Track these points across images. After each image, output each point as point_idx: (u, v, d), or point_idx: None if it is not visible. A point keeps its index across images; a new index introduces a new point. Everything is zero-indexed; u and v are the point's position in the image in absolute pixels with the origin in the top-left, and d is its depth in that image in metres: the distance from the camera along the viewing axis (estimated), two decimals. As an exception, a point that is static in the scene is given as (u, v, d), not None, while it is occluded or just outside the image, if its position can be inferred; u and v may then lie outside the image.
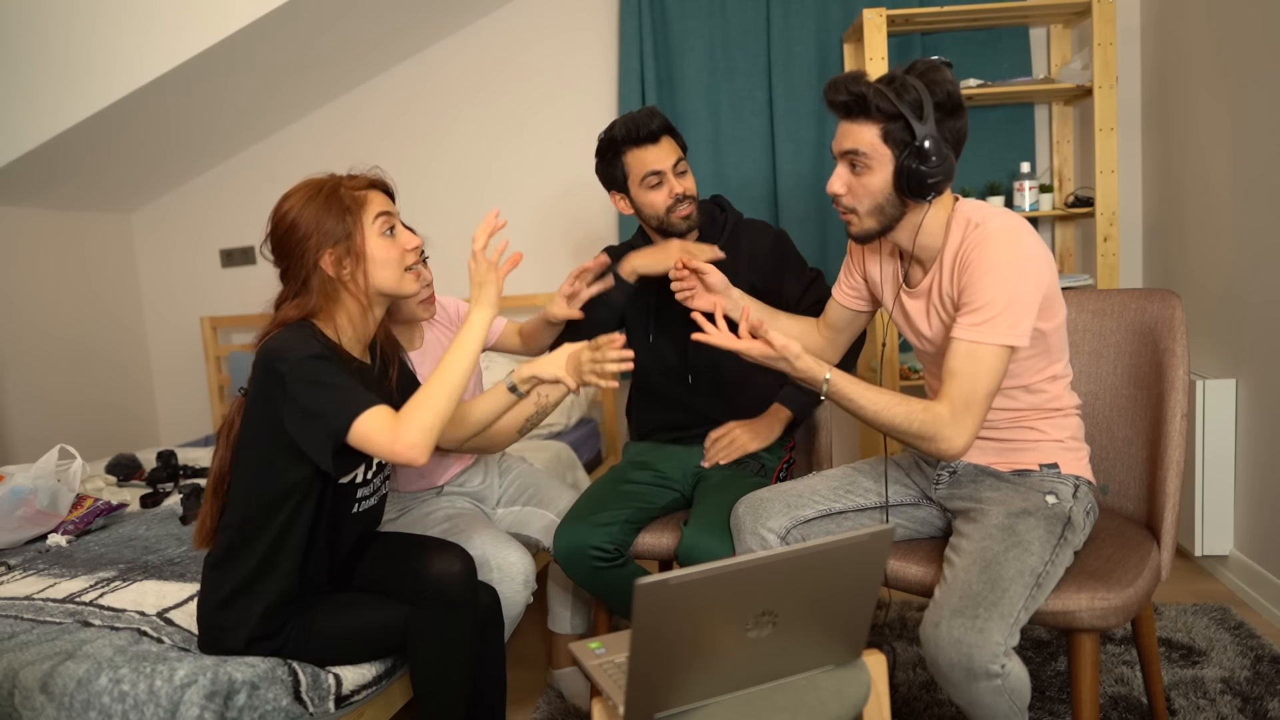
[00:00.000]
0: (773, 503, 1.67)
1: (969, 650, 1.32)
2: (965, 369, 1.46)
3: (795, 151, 3.20)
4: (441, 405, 1.40)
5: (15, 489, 2.11)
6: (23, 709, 1.40)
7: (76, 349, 3.49)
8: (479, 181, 3.50)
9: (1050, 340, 1.57)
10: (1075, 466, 1.62)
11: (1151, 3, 2.96)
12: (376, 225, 1.50)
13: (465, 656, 1.56)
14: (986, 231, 1.50)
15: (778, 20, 3.16)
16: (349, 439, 1.37)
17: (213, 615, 1.49)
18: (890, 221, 1.57)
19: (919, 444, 1.49)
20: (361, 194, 1.50)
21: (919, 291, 1.65)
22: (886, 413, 1.49)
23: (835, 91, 1.51)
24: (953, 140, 1.50)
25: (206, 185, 3.73)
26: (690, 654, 1.12)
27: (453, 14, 3.33)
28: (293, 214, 1.47)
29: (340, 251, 1.47)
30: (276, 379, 1.38)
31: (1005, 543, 1.46)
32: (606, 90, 3.41)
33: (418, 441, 1.35)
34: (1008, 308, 1.45)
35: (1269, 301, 2.30)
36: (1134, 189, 3.11)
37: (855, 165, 1.53)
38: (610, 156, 2.00)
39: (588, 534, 1.84)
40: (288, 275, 1.50)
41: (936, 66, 1.50)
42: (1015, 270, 1.47)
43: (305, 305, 1.47)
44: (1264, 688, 1.96)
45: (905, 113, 1.47)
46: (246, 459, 1.48)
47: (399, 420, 1.37)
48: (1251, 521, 2.45)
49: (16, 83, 2.85)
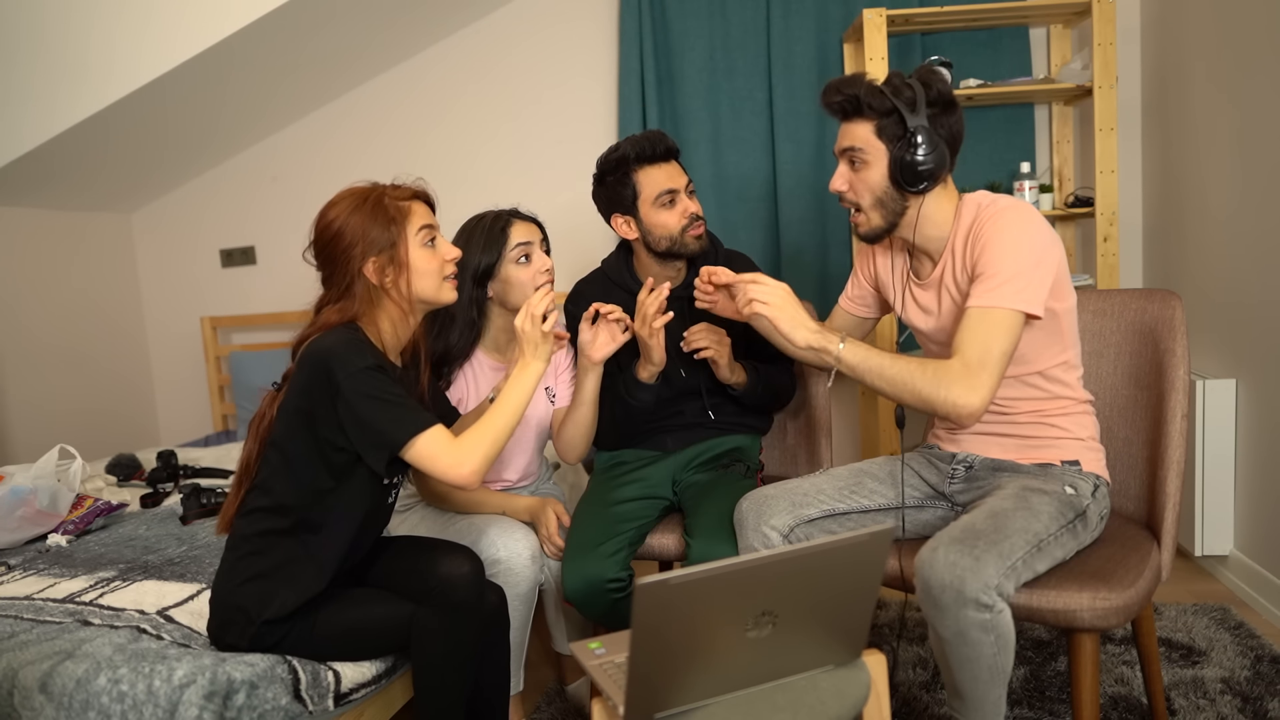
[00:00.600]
0: (777, 500, 1.67)
1: (962, 574, 1.35)
2: (977, 330, 1.49)
3: (795, 151, 3.20)
4: (500, 438, 1.50)
5: (15, 489, 2.11)
6: (22, 709, 1.40)
7: (76, 349, 3.49)
8: (478, 182, 3.50)
9: (1062, 323, 1.60)
10: (1095, 466, 1.65)
11: (1151, 3, 2.96)
12: (419, 237, 1.55)
13: (468, 658, 1.57)
14: (997, 208, 1.56)
15: (778, 20, 3.16)
16: (405, 455, 1.45)
17: (231, 597, 1.51)
18: (894, 216, 1.62)
19: (932, 397, 1.48)
20: (406, 205, 1.56)
21: (929, 282, 1.68)
22: (892, 368, 1.51)
23: (830, 94, 1.60)
24: (947, 136, 1.57)
25: (206, 185, 3.73)
26: (690, 654, 1.12)
27: (452, 14, 3.33)
28: (339, 222, 1.52)
29: (384, 260, 1.52)
30: (329, 382, 1.43)
31: (1015, 504, 1.49)
32: (606, 90, 3.41)
33: (478, 469, 1.46)
34: (1018, 274, 1.49)
35: (1269, 301, 2.30)
36: (1134, 189, 3.11)
37: (854, 162, 1.61)
38: (618, 176, 1.95)
39: (600, 568, 1.78)
40: (331, 280, 1.55)
41: (933, 69, 1.59)
42: (1026, 241, 1.51)
43: (348, 310, 1.53)
44: (1264, 688, 1.96)
45: (899, 106, 1.54)
46: (282, 452, 1.51)
47: (460, 447, 1.46)
48: (1251, 521, 2.45)
49: (16, 83, 2.85)
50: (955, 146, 1.60)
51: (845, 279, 3.21)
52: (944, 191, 1.63)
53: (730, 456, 2.06)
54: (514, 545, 1.82)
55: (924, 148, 1.54)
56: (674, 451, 2.07)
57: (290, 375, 1.53)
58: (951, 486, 1.70)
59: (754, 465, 2.08)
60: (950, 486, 1.71)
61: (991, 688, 1.44)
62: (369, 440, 1.45)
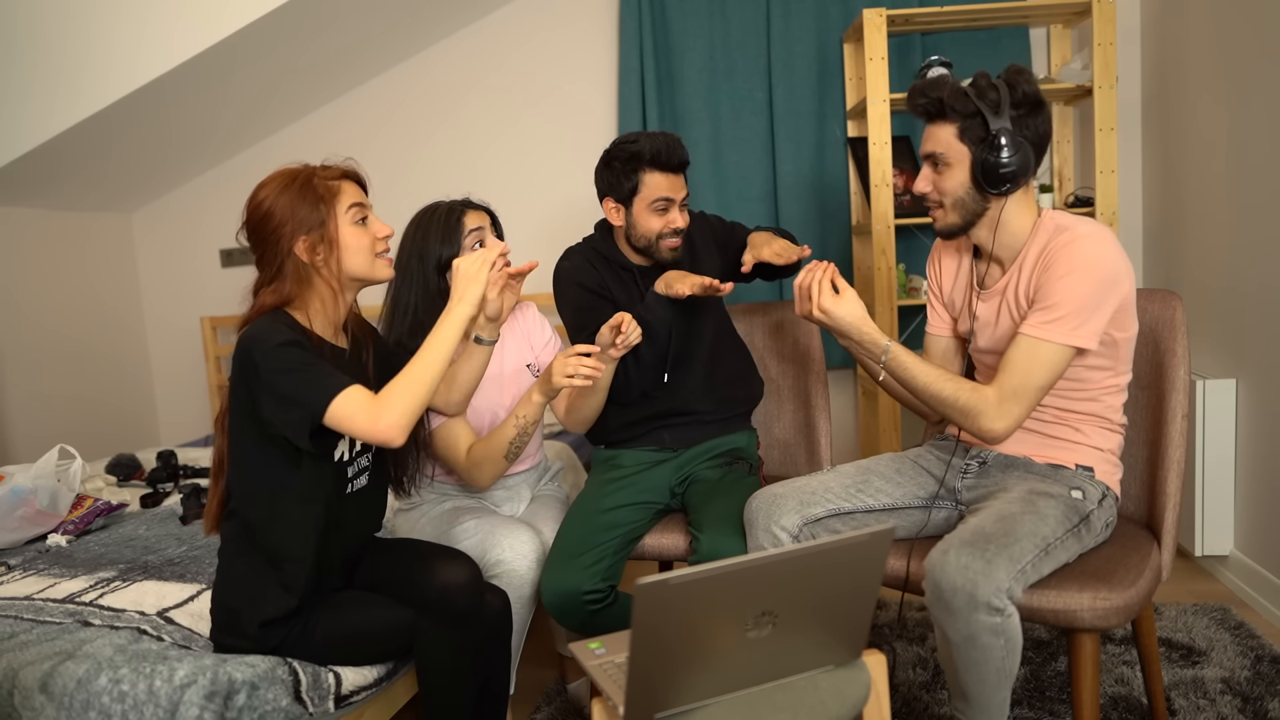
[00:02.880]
0: (786, 499, 1.66)
1: (974, 578, 1.36)
2: (1022, 361, 1.53)
3: (795, 151, 3.20)
4: (421, 389, 1.45)
5: (15, 489, 2.10)
6: (22, 709, 1.40)
7: (77, 349, 3.49)
8: (478, 182, 3.50)
9: (1120, 351, 1.60)
10: (1108, 477, 1.65)
11: (1151, 3, 2.96)
12: (349, 215, 1.55)
13: (472, 668, 1.57)
14: (1074, 235, 1.55)
15: (778, 20, 3.16)
16: (326, 420, 1.41)
17: (225, 599, 1.51)
18: (972, 216, 1.64)
19: (961, 420, 1.56)
20: (335, 184, 1.56)
21: (993, 292, 1.68)
22: (936, 384, 1.58)
23: (914, 97, 1.62)
24: (1033, 137, 1.57)
25: (206, 185, 3.73)
26: (690, 654, 1.12)
27: (451, 14, 3.33)
28: (268, 202, 1.51)
29: (314, 239, 1.51)
30: (251, 367, 1.43)
31: (1023, 508, 1.49)
32: (607, 90, 3.41)
33: (396, 421, 1.41)
34: (1079, 310, 1.50)
35: (1269, 301, 2.30)
36: (1134, 189, 3.11)
37: (937, 164, 1.62)
38: (626, 168, 1.97)
39: (578, 579, 1.77)
40: (263, 261, 1.55)
41: (1020, 69, 1.58)
42: (1095, 276, 1.51)
43: (281, 291, 1.52)
44: (1264, 688, 1.96)
45: (982, 108, 1.54)
46: (236, 446, 1.51)
47: (379, 401, 1.42)
48: (1251, 521, 2.45)
49: (16, 83, 2.85)
50: (1042, 147, 1.59)
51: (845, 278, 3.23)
52: (1025, 198, 1.63)
53: (732, 455, 2.06)
54: (519, 547, 1.81)
55: (1006, 150, 1.54)
56: (672, 450, 2.07)
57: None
58: (963, 480, 1.70)
59: (755, 463, 2.08)
60: (961, 481, 1.70)
61: (998, 690, 1.44)
62: (289, 414, 1.41)
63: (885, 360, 1.61)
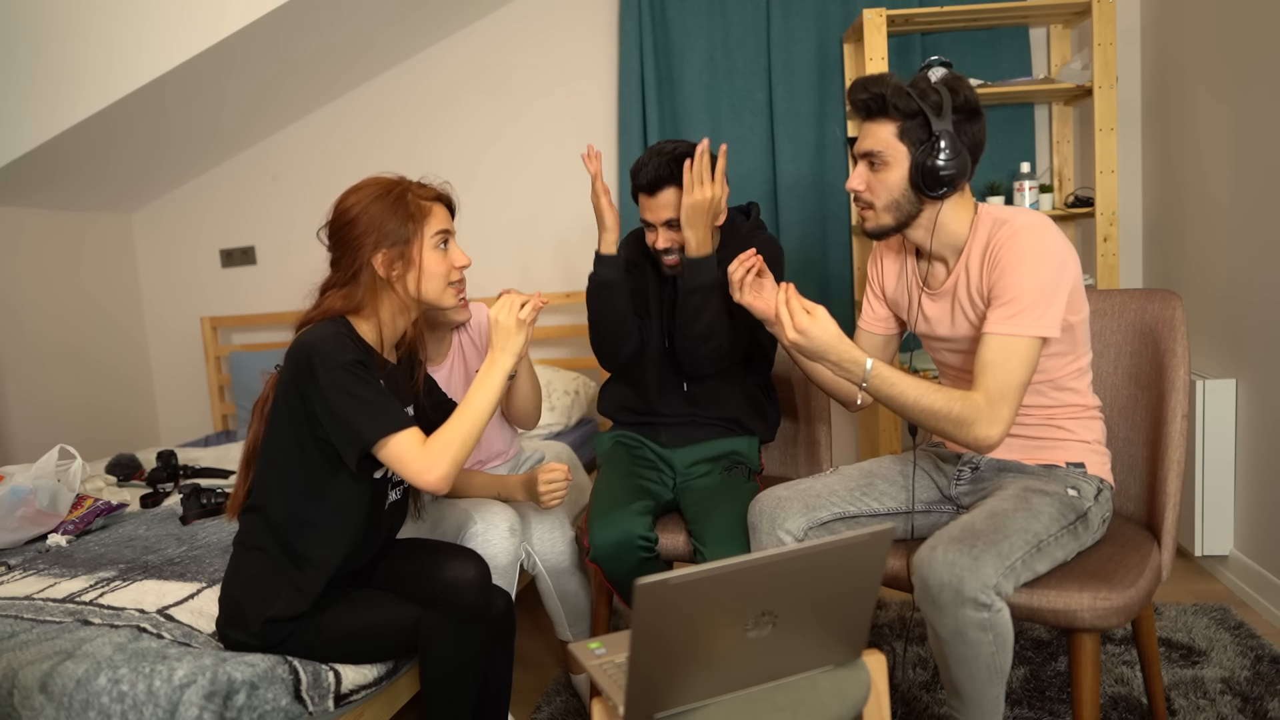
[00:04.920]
0: (791, 502, 1.66)
1: (961, 573, 1.36)
2: (999, 361, 1.50)
3: (795, 151, 3.20)
4: (470, 440, 1.49)
5: (15, 489, 2.11)
6: (22, 709, 1.40)
7: (76, 349, 3.49)
8: (478, 182, 3.50)
9: (1077, 334, 1.60)
10: (1100, 470, 1.65)
11: (1151, 3, 2.96)
12: (435, 239, 1.56)
13: (476, 665, 1.57)
14: (1015, 227, 1.55)
15: (778, 20, 3.16)
16: (375, 453, 1.44)
17: (236, 592, 1.51)
18: (906, 218, 1.62)
19: (955, 432, 1.50)
20: (428, 205, 1.56)
21: (942, 292, 1.67)
22: (927, 397, 1.50)
23: (856, 91, 1.58)
24: (969, 143, 1.56)
25: (206, 185, 3.73)
26: (690, 654, 1.12)
27: (451, 14, 3.33)
28: (357, 209, 1.52)
29: (394, 254, 1.52)
30: (310, 376, 1.43)
31: (1016, 505, 1.49)
32: (607, 90, 3.41)
33: (447, 474, 1.45)
34: (1037, 300, 1.49)
35: (1269, 301, 2.30)
36: (1134, 189, 3.11)
37: (874, 163, 1.60)
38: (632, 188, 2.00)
39: (630, 524, 1.77)
40: (339, 264, 1.55)
41: (959, 76, 1.57)
42: (1044, 264, 1.51)
43: (352, 298, 1.52)
44: (1264, 688, 1.96)
45: (925, 109, 1.53)
46: (273, 437, 1.52)
47: (429, 450, 1.45)
48: (1251, 521, 2.45)
49: (16, 83, 2.85)
50: (977, 155, 1.59)
51: (845, 278, 3.24)
52: (961, 199, 1.62)
53: (730, 459, 2.06)
54: (490, 518, 1.83)
55: (947, 153, 1.52)
56: (669, 448, 2.08)
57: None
58: (957, 488, 1.70)
59: (755, 468, 2.08)
60: (955, 489, 1.70)
61: (989, 686, 1.44)
62: (342, 435, 1.44)
63: (868, 378, 1.49)
